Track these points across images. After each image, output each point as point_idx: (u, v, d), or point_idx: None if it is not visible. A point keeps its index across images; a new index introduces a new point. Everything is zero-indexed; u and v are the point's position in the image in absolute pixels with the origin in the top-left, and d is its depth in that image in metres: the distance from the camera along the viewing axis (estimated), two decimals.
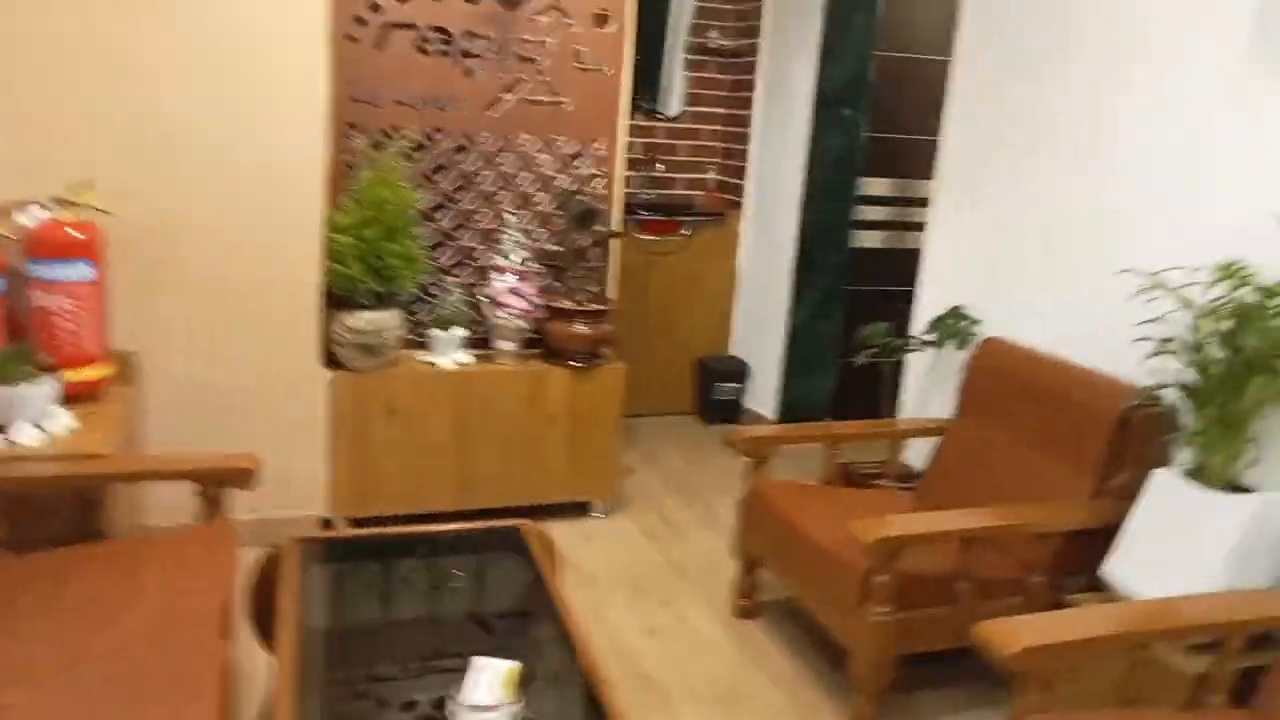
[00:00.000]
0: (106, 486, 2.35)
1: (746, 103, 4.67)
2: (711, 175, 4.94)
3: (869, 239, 4.51)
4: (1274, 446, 2.16)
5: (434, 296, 3.33)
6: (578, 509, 3.54)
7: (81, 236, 2.58)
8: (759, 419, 4.70)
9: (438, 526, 2.30)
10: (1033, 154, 2.89)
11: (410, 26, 3.12)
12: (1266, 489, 2.09)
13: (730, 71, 4.79)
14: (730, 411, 4.81)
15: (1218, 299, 2.07)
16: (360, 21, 3.06)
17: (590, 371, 3.36)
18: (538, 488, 3.41)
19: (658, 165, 4.78)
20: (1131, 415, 2.36)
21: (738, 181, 4.78)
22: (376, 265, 3.00)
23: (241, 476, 2.29)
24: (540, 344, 3.38)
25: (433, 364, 3.23)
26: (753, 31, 4.59)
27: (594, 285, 3.46)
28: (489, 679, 1.48)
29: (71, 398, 2.60)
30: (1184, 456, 2.21)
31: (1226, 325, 2.04)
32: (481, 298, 3.31)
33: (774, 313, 4.53)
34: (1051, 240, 2.83)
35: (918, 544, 2.19)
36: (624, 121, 3.43)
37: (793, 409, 4.51)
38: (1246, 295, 2.01)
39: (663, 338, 4.79)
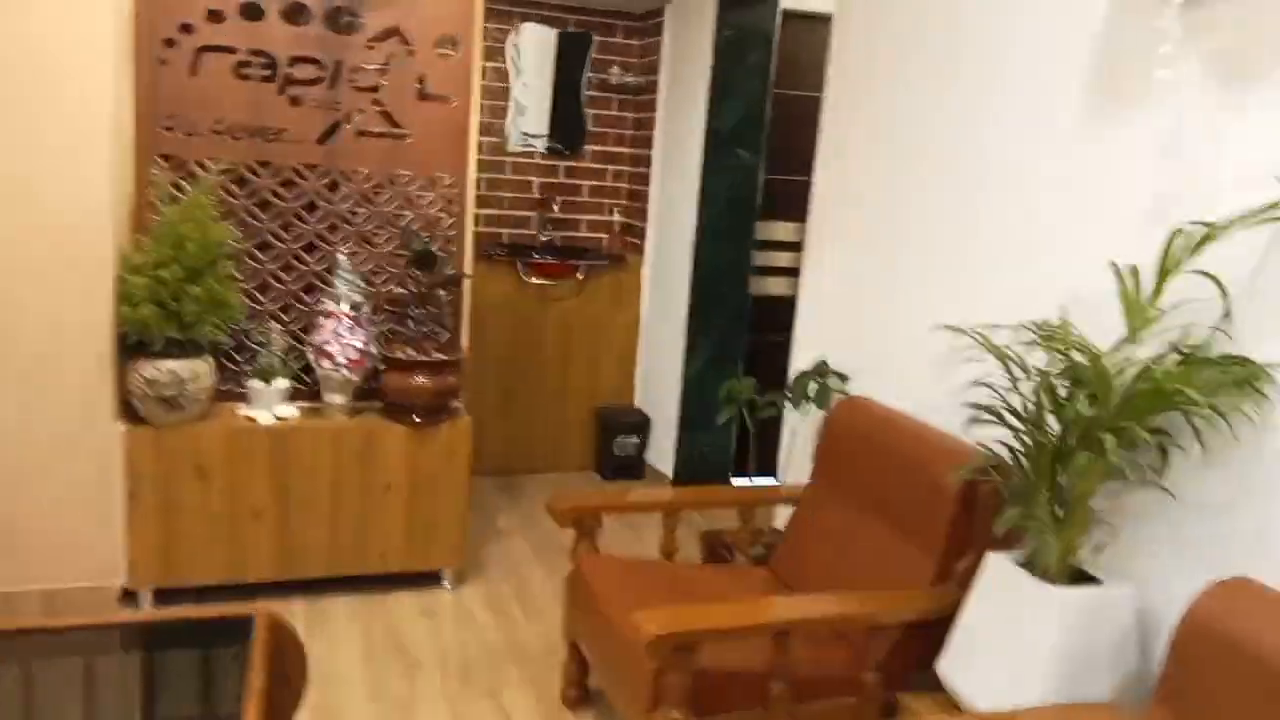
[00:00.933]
0: None
1: (649, 142, 4.43)
2: (616, 217, 4.68)
3: (774, 285, 4.25)
4: (1130, 530, 1.86)
5: (258, 344, 3.04)
6: (428, 578, 3.22)
7: None
8: (659, 476, 4.39)
9: (151, 614, 1.98)
10: (896, 200, 2.63)
11: (228, 50, 2.86)
12: (1114, 580, 1.78)
13: (632, 109, 4.56)
14: (631, 468, 4.50)
15: (1056, 362, 1.78)
16: (170, 43, 2.80)
17: (433, 428, 3.06)
18: (374, 557, 3.09)
19: (554, 206, 4.51)
20: (978, 489, 2.06)
21: (640, 224, 4.52)
22: (175, 309, 2.70)
23: None
24: (377, 397, 3.08)
25: (252, 419, 2.93)
26: (653, 68, 4.36)
27: (441, 333, 3.16)
28: None
29: None
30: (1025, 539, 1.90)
31: (1060, 390, 1.75)
32: (308, 346, 3.02)
33: (670, 363, 4.25)
34: (913, 293, 2.56)
35: (708, 640, 1.87)
36: (473, 155, 3.16)
37: (690, 466, 4.21)
38: (1076, 357, 1.72)
39: (559, 388, 4.51)
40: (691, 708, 1.89)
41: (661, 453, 4.39)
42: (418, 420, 3.04)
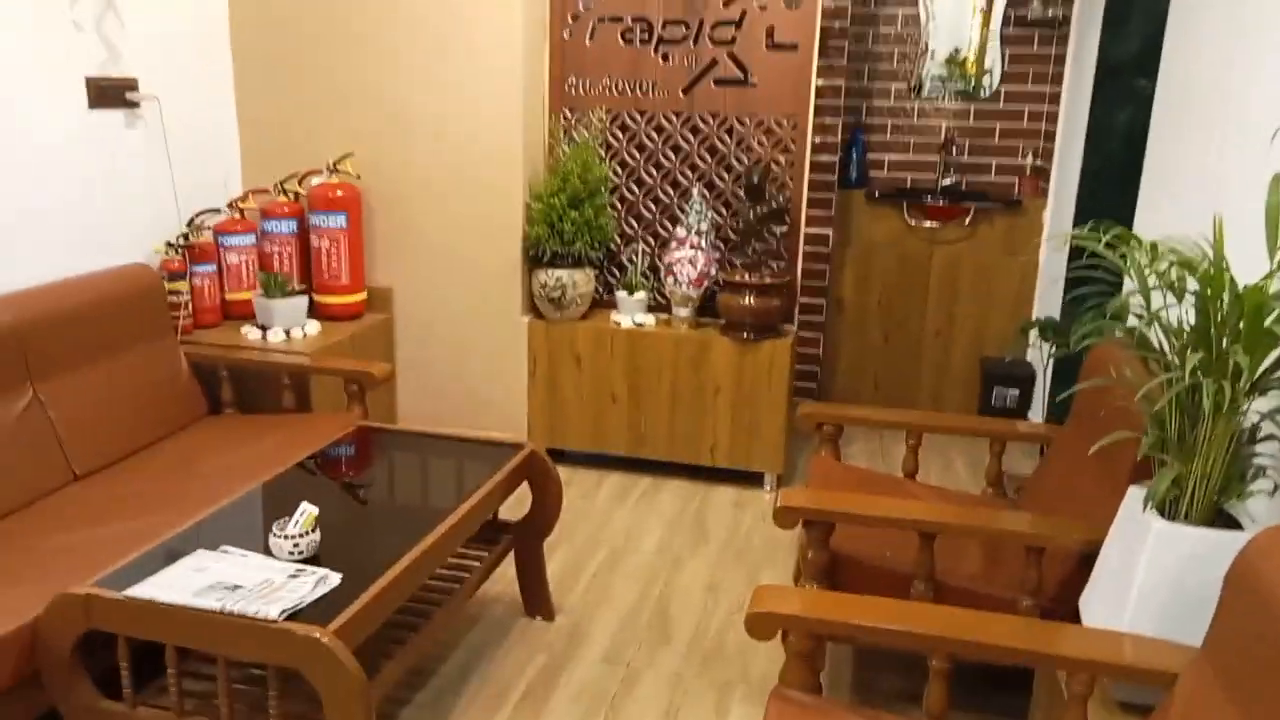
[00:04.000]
0: (306, 374, 3.16)
1: (1059, 79, 4.20)
2: (1029, 160, 4.51)
3: None
4: None
5: (629, 262, 3.71)
6: (752, 478, 3.65)
7: (340, 195, 3.47)
8: None
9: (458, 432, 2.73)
10: None
11: (616, 19, 3.52)
12: (1256, 528, 1.59)
13: (1047, 45, 4.33)
14: (1010, 419, 4.38)
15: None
16: (574, 18, 3.55)
17: (757, 343, 3.46)
18: (704, 450, 3.60)
19: (952, 150, 4.50)
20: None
21: (1045, 166, 4.31)
22: (560, 228, 3.47)
23: (369, 379, 2.95)
24: (715, 313, 3.57)
25: (617, 323, 3.62)
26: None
27: (773, 262, 3.53)
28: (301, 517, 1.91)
29: (330, 316, 3.53)
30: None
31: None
32: (661, 265, 3.61)
33: (1056, 313, 4.04)
34: None
35: (839, 521, 2.05)
36: (813, 99, 3.43)
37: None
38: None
39: (943, 332, 4.54)
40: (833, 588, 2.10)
41: (1040, 406, 4.21)
42: (745, 336, 3.46)
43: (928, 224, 4.47)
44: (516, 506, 2.60)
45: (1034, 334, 3.69)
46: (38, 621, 1.80)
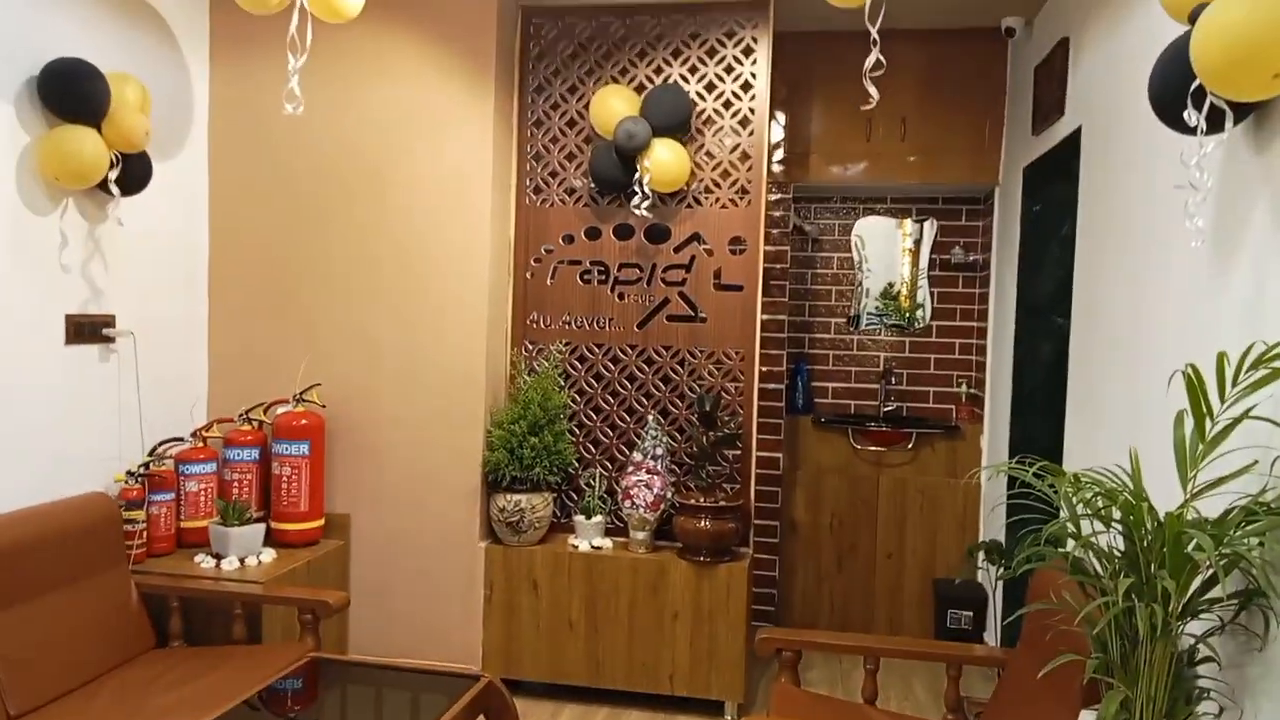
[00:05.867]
0: (260, 604, 3.11)
1: (984, 315, 4.55)
2: (963, 389, 4.79)
3: None
4: (1252, 707, 1.68)
5: (586, 486, 3.80)
6: (713, 706, 3.58)
7: (304, 423, 3.55)
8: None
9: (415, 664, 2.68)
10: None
11: (576, 262, 3.80)
12: None
13: (971, 285, 4.73)
14: (966, 642, 4.39)
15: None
16: (537, 260, 3.83)
17: (714, 566, 3.50)
18: (664, 678, 3.55)
19: (890, 377, 4.78)
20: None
21: (978, 394, 4.58)
22: (519, 454, 3.57)
23: (324, 608, 2.92)
24: (671, 536, 3.63)
25: (575, 546, 3.65)
26: (986, 246, 4.54)
27: (729, 483, 3.64)
28: None
29: (286, 543, 3.52)
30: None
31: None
32: (618, 489, 3.70)
33: (1001, 535, 4.17)
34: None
35: None
36: (759, 333, 3.69)
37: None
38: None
39: (894, 555, 4.62)
40: None
41: (996, 630, 4.24)
42: (702, 558, 3.51)
43: (873, 448, 4.66)
44: None
45: (981, 556, 3.79)
46: None
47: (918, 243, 4.84)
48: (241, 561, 3.28)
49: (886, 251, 4.87)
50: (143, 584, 3.01)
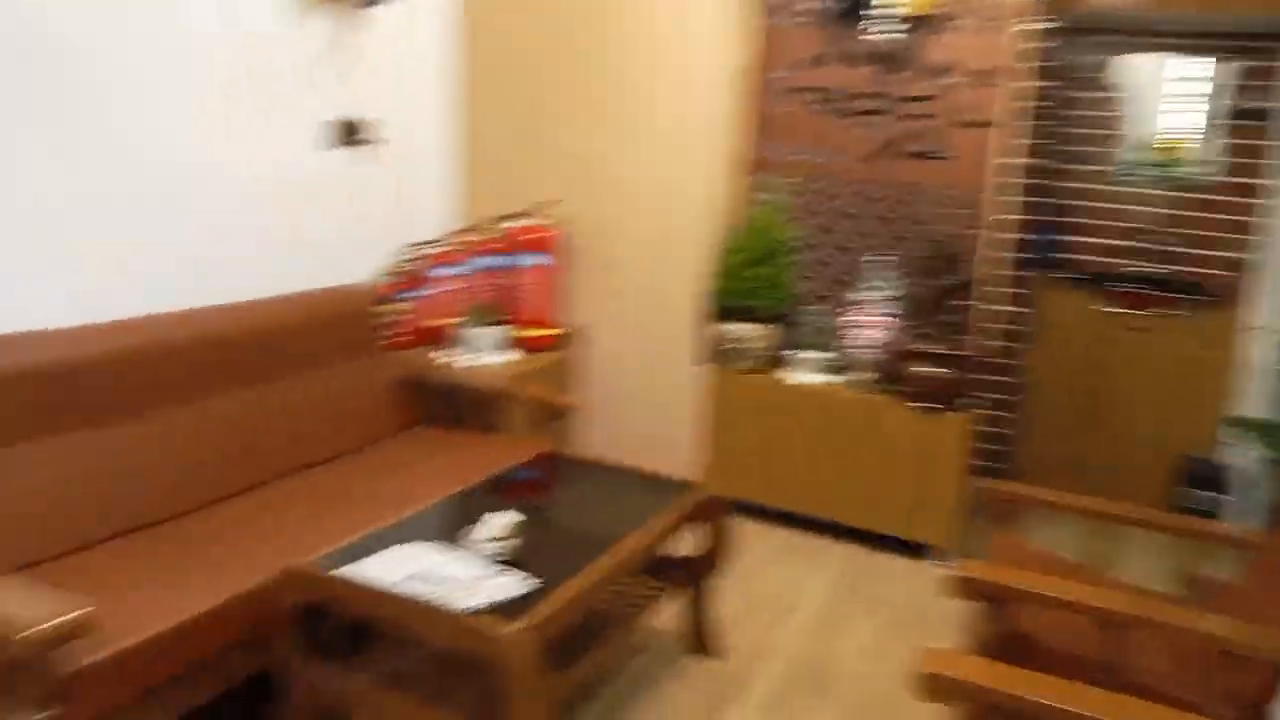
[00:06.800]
0: (501, 398, 3.37)
1: (1266, 172, 4.02)
2: (1232, 254, 4.30)
3: None
4: None
5: (807, 321, 3.78)
6: (918, 548, 3.60)
7: (546, 236, 3.72)
8: None
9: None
10: None
11: (810, 90, 3.65)
12: None
13: (1253, 137, 4.15)
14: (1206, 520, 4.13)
15: None
16: (768, 88, 3.70)
17: (935, 414, 3.43)
18: (874, 514, 3.58)
19: (1148, 236, 4.35)
20: None
21: (1252, 259, 4.11)
22: (739, 285, 3.59)
23: (558, 408, 3.15)
24: (892, 379, 3.57)
25: (795, 381, 3.68)
26: None
27: (959, 333, 3.51)
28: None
29: (526, 347, 3.76)
30: None
31: None
32: (841, 328, 3.65)
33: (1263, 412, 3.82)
34: None
35: (1010, 597, 2.02)
36: (1003, 178, 3.43)
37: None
38: None
39: (1131, 425, 4.35)
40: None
41: (1247, 512, 3.96)
42: (924, 405, 3.45)
43: (1122, 310, 4.32)
44: (687, 548, 2.68)
45: (1236, 432, 3.50)
46: (263, 589, 2.01)
47: (1197, 85, 4.26)
48: (485, 360, 3.54)
49: (1158, 94, 4.34)
50: (398, 370, 3.33)
